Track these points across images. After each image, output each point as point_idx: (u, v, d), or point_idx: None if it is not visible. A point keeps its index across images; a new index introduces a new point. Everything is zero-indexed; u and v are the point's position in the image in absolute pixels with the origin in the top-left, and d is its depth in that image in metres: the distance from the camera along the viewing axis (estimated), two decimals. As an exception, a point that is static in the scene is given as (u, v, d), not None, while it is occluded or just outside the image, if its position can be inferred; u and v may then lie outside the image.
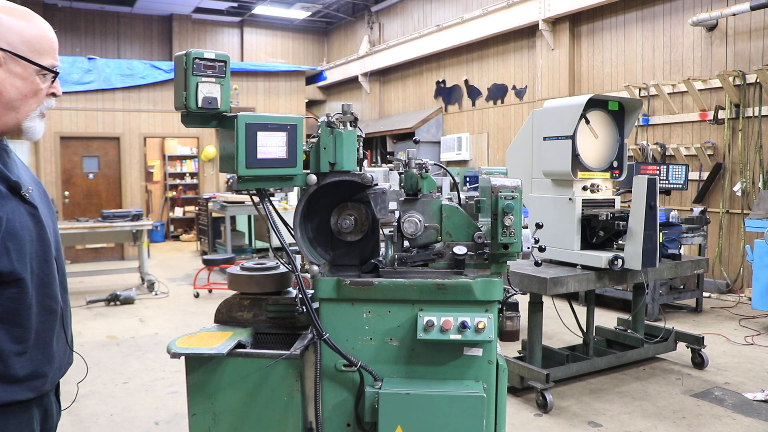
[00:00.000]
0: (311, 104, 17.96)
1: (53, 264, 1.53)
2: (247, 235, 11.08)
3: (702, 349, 5.00)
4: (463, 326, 2.22)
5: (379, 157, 15.26)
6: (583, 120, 4.29)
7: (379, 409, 2.20)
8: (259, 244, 11.15)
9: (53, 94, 1.54)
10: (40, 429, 1.56)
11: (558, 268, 4.34)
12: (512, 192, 2.23)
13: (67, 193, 11.28)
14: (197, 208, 12.16)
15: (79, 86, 11.38)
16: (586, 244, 4.35)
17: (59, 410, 1.70)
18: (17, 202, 1.43)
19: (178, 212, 14.16)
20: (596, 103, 4.39)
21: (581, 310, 5.00)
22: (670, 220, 5.96)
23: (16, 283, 1.40)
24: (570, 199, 4.30)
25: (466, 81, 12.74)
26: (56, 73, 1.54)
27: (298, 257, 2.49)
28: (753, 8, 7.24)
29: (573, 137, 4.22)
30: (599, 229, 4.29)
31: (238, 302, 2.65)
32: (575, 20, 10.05)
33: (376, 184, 2.30)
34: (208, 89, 2.09)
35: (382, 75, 15.71)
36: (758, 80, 7.31)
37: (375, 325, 2.33)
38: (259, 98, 13.47)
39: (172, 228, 14.01)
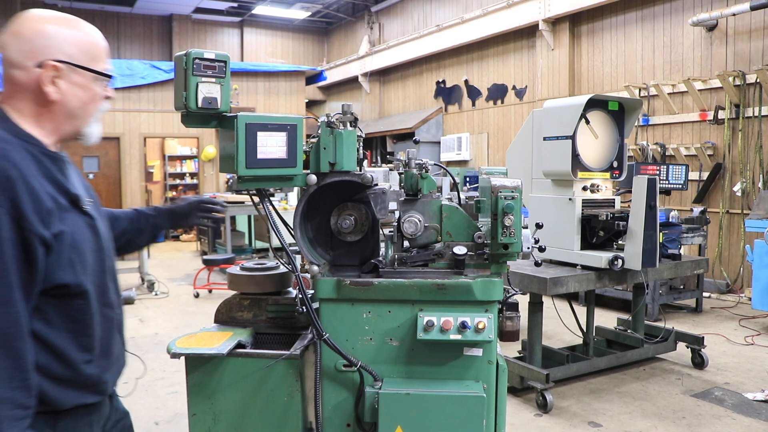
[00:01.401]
0: (311, 104, 17.97)
1: (108, 273, 1.58)
2: (247, 235, 11.08)
3: (702, 349, 5.00)
4: (463, 326, 2.22)
5: (379, 157, 15.27)
6: (583, 120, 4.29)
7: (379, 409, 2.20)
8: (259, 244, 11.15)
9: (107, 97, 1.57)
10: (104, 429, 1.64)
11: (558, 268, 4.34)
12: (512, 192, 2.23)
13: (67, 193, 11.26)
14: (197, 208, 12.13)
15: (79, 86, 11.35)
16: (586, 244, 4.35)
17: (123, 408, 1.80)
18: (77, 214, 1.46)
19: (178, 212, 14.14)
20: (596, 103, 4.39)
21: (581, 310, 5.00)
22: (670, 220, 5.96)
23: (82, 294, 1.44)
24: (570, 199, 4.30)
25: (466, 81, 12.74)
26: (110, 77, 1.57)
27: (298, 257, 2.49)
28: (753, 8, 7.24)
29: (573, 137, 4.22)
30: (599, 229, 4.29)
31: (238, 302, 2.64)
32: (575, 20, 10.05)
33: (376, 184, 2.30)
34: (208, 89, 2.09)
35: (382, 75, 15.72)
36: (758, 80, 7.31)
37: (375, 325, 2.32)
38: (259, 98, 13.48)
39: (172, 228, 14.00)
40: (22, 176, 1.32)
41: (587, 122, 4.33)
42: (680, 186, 6.71)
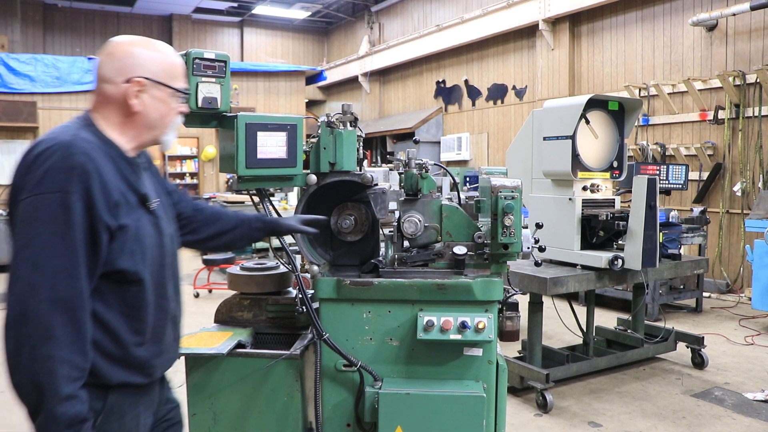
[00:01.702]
0: (311, 104, 17.96)
1: (168, 268, 1.75)
2: (247, 235, 11.06)
3: (702, 349, 5.00)
4: (463, 326, 2.22)
5: (379, 157, 15.27)
6: (583, 120, 4.29)
7: (379, 409, 2.21)
8: (259, 244, 11.12)
9: (181, 112, 1.78)
10: (153, 413, 1.78)
11: (558, 268, 4.34)
12: (512, 192, 2.23)
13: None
14: (197, 208, 12.13)
15: (79, 86, 11.39)
16: (586, 244, 4.35)
17: (175, 399, 1.95)
18: (143, 211, 1.65)
19: (178, 212, 14.15)
20: (596, 103, 4.39)
21: (581, 310, 5.00)
22: (670, 220, 5.96)
23: (138, 282, 1.60)
24: (570, 199, 4.29)
25: (466, 81, 12.74)
26: (187, 95, 1.82)
27: (298, 257, 2.49)
28: (753, 8, 7.24)
29: (573, 137, 4.22)
30: (599, 229, 4.29)
31: (238, 302, 2.65)
32: (575, 20, 10.05)
33: (376, 184, 2.30)
34: (208, 89, 2.09)
35: (382, 75, 15.72)
36: (758, 80, 7.31)
37: (375, 325, 2.33)
38: (259, 98, 13.48)
39: (172, 228, 14.01)
40: (98, 171, 1.52)
41: (587, 122, 4.33)
42: (680, 186, 6.71)
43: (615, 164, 4.49)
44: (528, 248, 2.37)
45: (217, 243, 2.10)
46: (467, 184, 10.98)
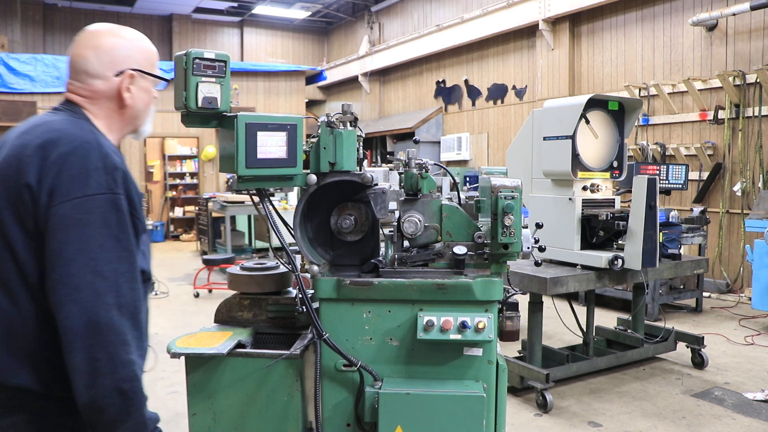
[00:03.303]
0: (311, 104, 17.96)
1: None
2: (247, 235, 11.08)
3: (702, 349, 5.00)
4: (463, 326, 2.22)
5: (379, 157, 15.26)
6: (583, 120, 4.29)
7: (379, 409, 2.21)
8: (259, 244, 11.14)
9: (154, 97, 1.75)
10: None
11: (558, 268, 4.34)
12: (512, 192, 2.23)
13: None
14: (197, 208, 12.15)
15: (79, 86, 11.33)
16: (586, 244, 4.35)
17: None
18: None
19: (178, 212, 14.16)
20: (596, 103, 4.39)
21: (581, 310, 5.00)
22: (670, 220, 5.96)
23: (148, 282, 1.60)
24: (570, 199, 4.29)
25: (466, 81, 12.74)
26: (166, 80, 1.79)
27: (298, 257, 2.49)
28: (753, 8, 7.24)
29: (573, 137, 4.22)
30: (599, 229, 4.29)
31: (238, 302, 2.65)
32: (575, 20, 10.05)
33: (376, 184, 2.30)
34: (208, 89, 2.09)
35: (382, 75, 15.71)
36: (758, 80, 7.31)
37: (375, 325, 2.33)
38: (259, 98, 13.48)
39: (172, 228, 14.01)
40: (128, 171, 1.52)
41: (587, 122, 4.33)
42: (680, 186, 6.71)
43: (615, 164, 4.49)
44: (528, 248, 2.37)
45: None
46: (467, 184, 10.98)
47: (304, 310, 2.31)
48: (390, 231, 2.46)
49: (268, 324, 2.61)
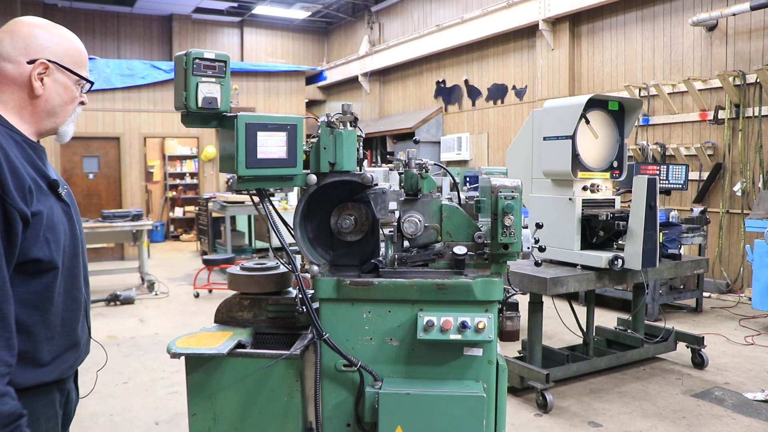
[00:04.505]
0: (311, 104, 17.96)
1: (80, 258, 1.69)
2: (247, 235, 11.08)
3: (702, 349, 5.00)
4: (463, 326, 2.22)
5: (379, 157, 15.26)
6: (583, 120, 4.29)
7: (379, 409, 2.20)
8: (259, 244, 11.14)
9: (82, 103, 1.73)
10: (62, 412, 1.68)
11: (558, 268, 4.34)
12: (512, 192, 2.23)
13: (67, 193, 11.25)
14: (197, 208, 12.16)
15: (79, 86, 11.32)
16: (586, 244, 4.35)
17: (77, 396, 1.85)
18: (54, 199, 1.58)
19: (178, 212, 14.16)
20: (596, 103, 4.39)
21: (581, 310, 5.00)
22: (670, 220, 5.96)
23: (52, 272, 1.54)
24: (570, 199, 4.30)
25: (466, 81, 12.74)
26: (91, 83, 1.73)
27: (298, 257, 2.49)
28: (753, 8, 7.24)
29: (573, 137, 4.22)
30: (599, 229, 4.29)
31: (238, 302, 2.64)
32: (575, 20, 10.05)
33: (376, 184, 2.30)
34: (208, 89, 2.09)
35: (382, 75, 15.71)
36: (758, 80, 7.31)
37: (375, 325, 2.32)
38: (259, 98, 13.47)
39: (172, 228, 14.01)
40: (7, 156, 1.44)
41: (587, 122, 4.33)
42: (680, 186, 6.72)
43: (615, 164, 4.49)
44: (528, 248, 2.36)
45: None
46: (467, 184, 10.98)
47: (304, 310, 2.31)
48: (390, 231, 2.46)
49: (268, 324, 2.61)
